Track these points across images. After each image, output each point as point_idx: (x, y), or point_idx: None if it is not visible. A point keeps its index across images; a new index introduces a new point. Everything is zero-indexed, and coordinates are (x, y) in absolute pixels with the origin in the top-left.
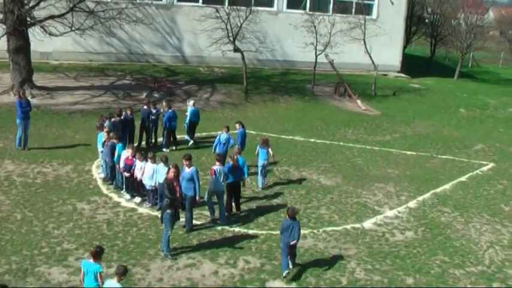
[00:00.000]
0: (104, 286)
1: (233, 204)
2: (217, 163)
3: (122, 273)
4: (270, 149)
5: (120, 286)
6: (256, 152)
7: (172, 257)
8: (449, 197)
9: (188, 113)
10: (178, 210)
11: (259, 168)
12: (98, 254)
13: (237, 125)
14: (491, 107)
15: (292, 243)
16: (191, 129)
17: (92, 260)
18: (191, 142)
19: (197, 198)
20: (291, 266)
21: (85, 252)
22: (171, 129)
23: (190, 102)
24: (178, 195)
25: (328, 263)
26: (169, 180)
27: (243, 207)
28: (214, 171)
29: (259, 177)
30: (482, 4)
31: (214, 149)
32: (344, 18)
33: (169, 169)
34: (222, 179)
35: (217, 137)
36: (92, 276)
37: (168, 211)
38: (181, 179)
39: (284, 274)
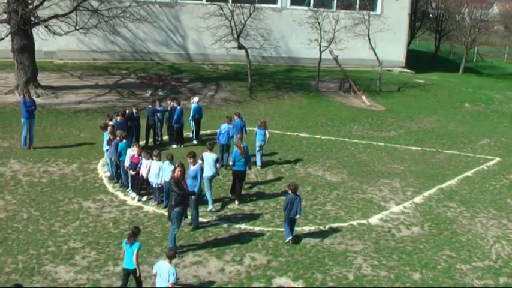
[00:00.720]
0: (155, 266)
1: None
2: (208, 151)
3: (173, 255)
4: (267, 131)
5: (173, 267)
6: (255, 132)
7: (178, 254)
8: (455, 192)
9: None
10: (186, 208)
11: (257, 148)
12: (135, 235)
13: (235, 116)
14: (496, 101)
15: (296, 217)
16: (195, 126)
17: (129, 242)
18: (194, 140)
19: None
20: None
21: (91, 250)
22: (179, 126)
23: (195, 99)
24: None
25: (334, 259)
26: (176, 179)
27: (250, 205)
28: (202, 157)
29: (258, 156)
30: None
31: (217, 139)
32: (348, 14)
33: (175, 168)
34: (213, 165)
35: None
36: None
37: (177, 209)
38: (186, 176)
39: (287, 240)
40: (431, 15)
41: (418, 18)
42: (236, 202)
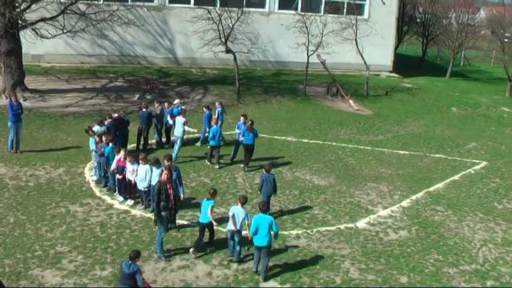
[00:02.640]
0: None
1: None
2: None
3: (245, 201)
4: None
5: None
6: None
7: (166, 258)
8: (442, 195)
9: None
10: (172, 212)
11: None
12: (215, 193)
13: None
14: (483, 105)
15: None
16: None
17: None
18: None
19: (182, 197)
20: None
21: (78, 254)
22: (169, 128)
23: (176, 101)
24: (172, 197)
25: (322, 262)
26: (163, 183)
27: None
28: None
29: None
30: (473, 3)
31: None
32: (336, 19)
33: (162, 171)
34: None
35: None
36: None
37: (163, 213)
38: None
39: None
40: (418, 20)
41: (406, 22)
42: (245, 168)
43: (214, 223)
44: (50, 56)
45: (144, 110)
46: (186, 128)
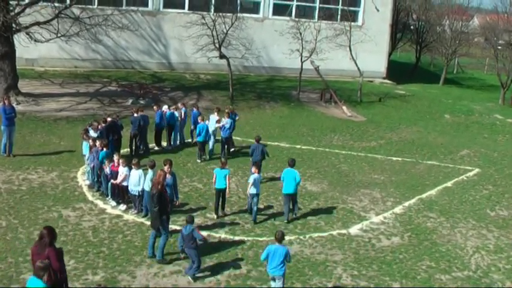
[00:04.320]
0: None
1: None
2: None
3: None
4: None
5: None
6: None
7: (166, 262)
8: (435, 202)
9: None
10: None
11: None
12: (226, 163)
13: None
14: (476, 112)
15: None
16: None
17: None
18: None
19: (177, 202)
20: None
21: (70, 259)
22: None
23: (165, 107)
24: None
25: (314, 268)
26: (159, 184)
27: (230, 214)
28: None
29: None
30: (467, 11)
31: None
32: (330, 25)
33: (158, 173)
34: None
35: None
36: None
37: (164, 217)
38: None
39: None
40: (412, 27)
41: (399, 29)
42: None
43: (228, 191)
44: (43, 60)
45: (135, 115)
46: (217, 124)
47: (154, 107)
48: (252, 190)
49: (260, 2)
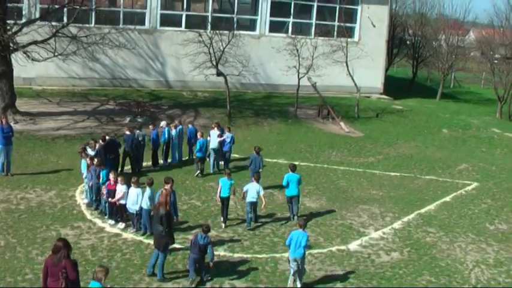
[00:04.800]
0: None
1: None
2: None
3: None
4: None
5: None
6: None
7: (167, 279)
8: (434, 217)
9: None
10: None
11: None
12: (230, 174)
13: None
14: (474, 127)
15: (259, 171)
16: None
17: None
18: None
19: (177, 219)
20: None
21: None
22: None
23: (163, 123)
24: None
25: (314, 285)
26: (167, 204)
27: (229, 231)
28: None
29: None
30: (462, 25)
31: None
32: (326, 41)
33: (163, 192)
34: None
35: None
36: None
37: (170, 239)
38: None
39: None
40: (408, 42)
41: (396, 45)
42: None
43: (232, 196)
44: (41, 79)
45: (128, 133)
46: (219, 139)
47: (150, 126)
48: (249, 198)
49: (257, 19)
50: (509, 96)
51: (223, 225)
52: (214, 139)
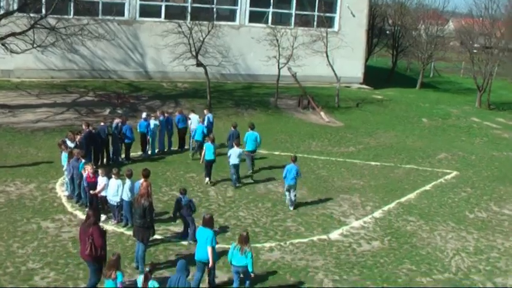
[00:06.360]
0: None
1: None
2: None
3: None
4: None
5: None
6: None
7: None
8: (414, 206)
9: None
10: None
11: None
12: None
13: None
14: (453, 116)
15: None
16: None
17: None
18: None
19: None
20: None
21: (50, 271)
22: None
23: (144, 115)
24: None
25: (296, 275)
26: (149, 195)
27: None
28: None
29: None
30: (442, 15)
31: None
32: (306, 31)
33: (142, 184)
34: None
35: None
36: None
37: (152, 230)
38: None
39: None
40: (388, 32)
41: (375, 34)
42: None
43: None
44: (19, 71)
45: (102, 124)
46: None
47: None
48: (232, 161)
49: (236, 10)
50: (488, 86)
51: (206, 179)
52: (195, 121)
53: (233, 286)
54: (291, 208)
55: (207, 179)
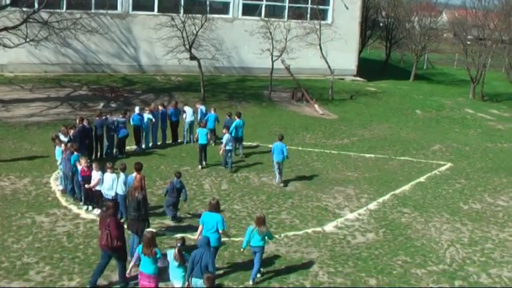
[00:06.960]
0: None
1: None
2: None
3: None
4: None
5: None
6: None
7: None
8: (409, 197)
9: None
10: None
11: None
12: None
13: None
14: (447, 107)
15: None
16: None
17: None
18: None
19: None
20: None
21: (45, 265)
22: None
23: (136, 109)
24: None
25: (290, 267)
26: (142, 188)
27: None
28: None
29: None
30: (435, 7)
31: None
32: (299, 24)
33: (136, 177)
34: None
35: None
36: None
37: (147, 223)
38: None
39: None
40: (381, 24)
41: (369, 27)
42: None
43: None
44: (13, 66)
45: (97, 118)
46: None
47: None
48: (227, 147)
49: (229, 3)
50: (481, 77)
51: (200, 167)
52: (189, 114)
53: (254, 265)
54: (281, 185)
55: (204, 163)
